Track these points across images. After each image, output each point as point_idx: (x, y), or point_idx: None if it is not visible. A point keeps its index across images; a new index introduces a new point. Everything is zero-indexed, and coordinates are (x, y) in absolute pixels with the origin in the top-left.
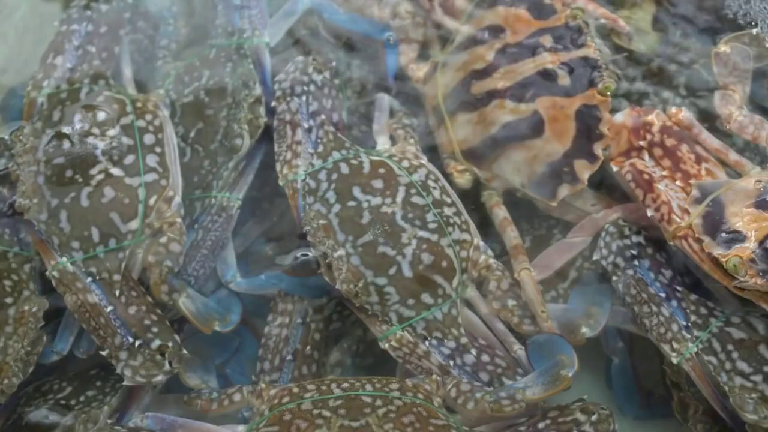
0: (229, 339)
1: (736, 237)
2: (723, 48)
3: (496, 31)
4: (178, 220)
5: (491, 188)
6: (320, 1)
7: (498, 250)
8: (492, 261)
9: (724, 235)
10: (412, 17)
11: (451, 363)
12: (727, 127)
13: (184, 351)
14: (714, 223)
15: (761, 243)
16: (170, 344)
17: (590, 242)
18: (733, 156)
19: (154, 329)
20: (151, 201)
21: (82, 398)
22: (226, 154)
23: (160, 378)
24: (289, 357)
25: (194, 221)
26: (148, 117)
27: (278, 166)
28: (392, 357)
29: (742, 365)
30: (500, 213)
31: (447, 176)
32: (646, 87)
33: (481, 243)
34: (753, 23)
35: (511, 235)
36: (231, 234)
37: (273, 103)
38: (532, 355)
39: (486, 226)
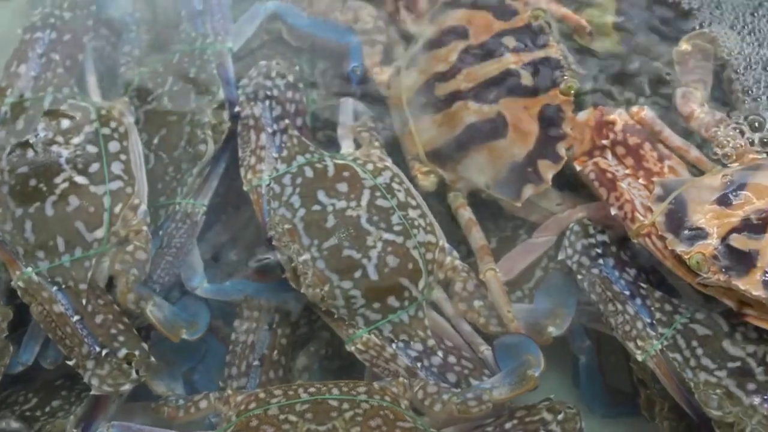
0: (195, 346)
1: (699, 234)
2: (684, 46)
3: (459, 32)
4: (144, 227)
5: (456, 190)
6: (283, 6)
7: (464, 251)
8: (458, 262)
9: (686, 232)
10: (375, 20)
11: (419, 365)
12: (689, 124)
13: (152, 359)
14: (677, 220)
15: (723, 239)
16: (137, 353)
17: (555, 242)
18: (694, 153)
19: (121, 338)
20: (117, 209)
21: (47, 409)
22: (190, 161)
23: (127, 387)
24: (256, 362)
25: (159, 228)
26: (113, 124)
27: (242, 172)
28: (360, 360)
29: (707, 361)
30: (465, 214)
31: (412, 178)
32: (608, 86)
33: (447, 245)
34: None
35: (477, 236)
36: (196, 240)
37: (237, 108)
38: (499, 356)
39: (452, 227)
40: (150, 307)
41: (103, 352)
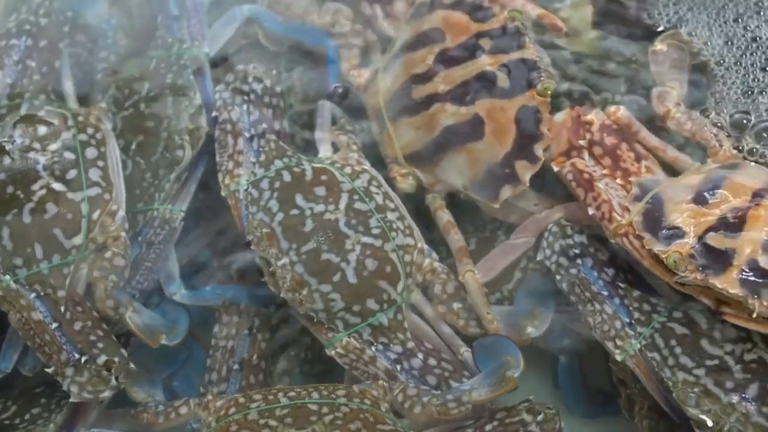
0: (175, 351)
1: (676, 233)
2: (660, 46)
3: (436, 35)
4: (123, 234)
5: (434, 192)
6: (260, 10)
7: (443, 253)
8: (437, 264)
9: (663, 231)
10: (352, 24)
11: (398, 368)
12: (665, 124)
13: (131, 365)
14: (654, 219)
15: (700, 238)
16: (117, 359)
17: (534, 243)
18: (671, 153)
19: (100, 345)
20: (95, 215)
21: (27, 416)
22: (168, 166)
23: (106, 394)
24: (236, 367)
25: (137, 234)
26: (90, 131)
27: (220, 176)
28: (340, 364)
29: (685, 360)
30: (444, 216)
31: (390, 181)
32: (585, 86)
33: (425, 247)
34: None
35: (455, 238)
36: (175, 246)
37: (214, 113)
38: (479, 357)
39: (430, 229)
40: (129, 314)
41: (82, 359)
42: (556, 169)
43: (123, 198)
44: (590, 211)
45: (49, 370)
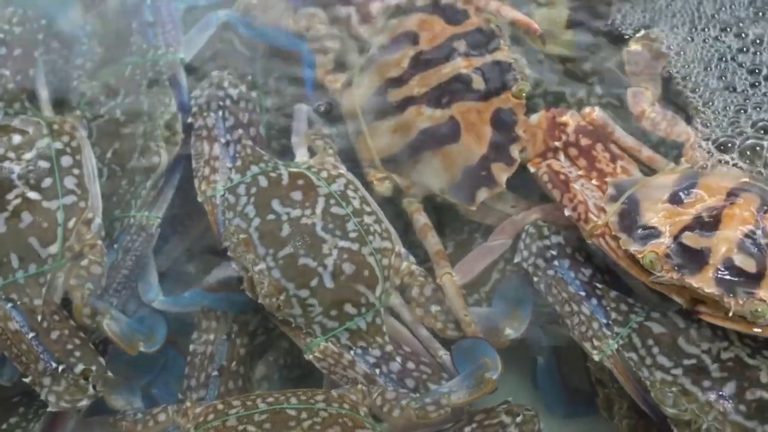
0: (154, 358)
1: (652, 233)
2: (634, 46)
3: (411, 38)
4: (99, 242)
5: (411, 195)
6: (235, 15)
7: (421, 256)
8: (414, 267)
9: (639, 231)
10: (328, 28)
11: (377, 371)
12: (640, 124)
13: (109, 374)
14: (630, 220)
15: (676, 238)
16: (94, 368)
17: (511, 244)
18: (646, 153)
19: (78, 353)
20: (71, 224)
21: (4, 426)
22: (144, 173)
23: (84, 402)
24: (215, 373)
25: (114, 241)
26: (65, 139)
27: (197, 183)
28: (318, 368)
29: (663, 359)
30: (421, 219)
31: (367, 185)
32: (561, 87)
33: (403, 250)
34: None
35: (432, 241)
36: (152, 252)
37: (189, 119)
38: (457, 360)
39: (408, 233)
40: (106, 321)
41: (60, 368)
42: (532, 170)
43: (99, 206)
44: (566, 212)
45: (27, 380)
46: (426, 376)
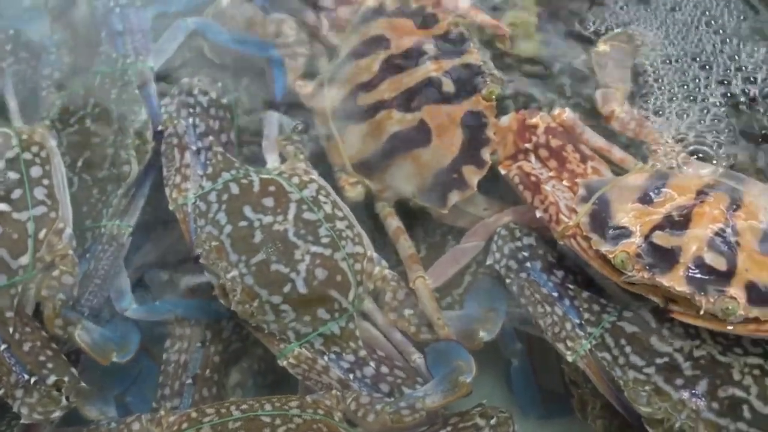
0: (127, 367)
1: (623, 233)
2: (602, 47)
3: (381, 42)
4: (70, 252)
5: (383, 199)
6: (204, 23)
7: (394, 260)
8: (387, 272)
9: (610, 231)
10: (297, 33)
11: (351, 376)
12: (610, 124)
13: (82, 384)
14: (601, 220)
15: (646, 237)
16: (66, 379)
17: (484, 247)
18: (616, 153)
19: (50, 365)
20: (41, 234)
21: None
22: (115, 182)
23: (57, 414)
24: (189, 381)
25: (86, 251)
26: (35, 149)
27: (168, 191)
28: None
29: (635, 359)
30: (393, 223)
31: (339, 190)
32: (531, 89)
33: (375, 254)
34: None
35: (405, 245)
36: (124, 261)
37: (160, 127)
38: (431, 363)
39: (381, 237)
40: (78, 332)
41: (32, 380)
42: (503, 172)
43: (70, 216)
44: (538, 214)
45: None
46: (400, 380)
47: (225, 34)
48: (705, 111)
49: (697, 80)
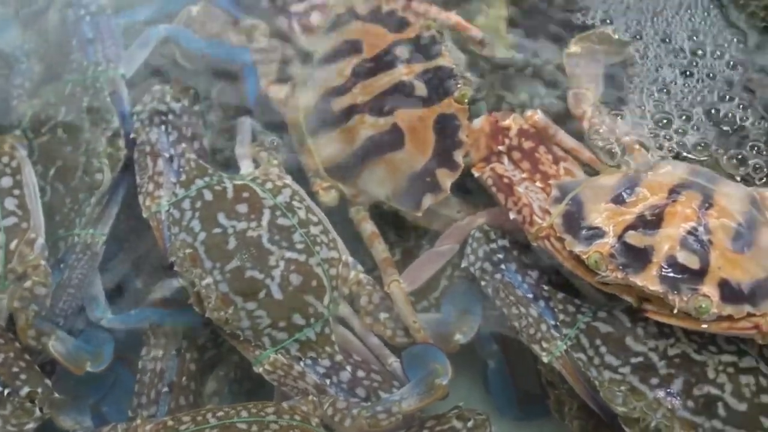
0: (103, 376)
1: (596, 233)
2: (573, 48)
3: (353, 46)
4: (42, 262)
5: (358, 203)
6: (176, 29)
7: (369, 264)
8: (362, 276)
9: (584, 232)
10: (269, 39)
11: (327, 381)
12: (582, 125)
13: (56, 395)
14: (574, 221)
15: (619, 237)
16: (40, 390)
17: (459, 249)
18: (588, 154)
19: (23, 376)
20: (12, 245)
21: None
22: (88, 190)
23: (31, 426)
24: (165, 389)
25: (60, 261)
26: (5, 159)
27: (141, 198)
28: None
29: (610, 359)
30: (368, 227)
31: (313, 195)
32: (503, 91)
33: (350, 259)
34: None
35: (379, 249)
36: (98, 270)
37: (132, 135)
38: (407, 367)
39: (356, 241)
40: (52, 342)
41: (5, 392)
42: (476, 175)
43: (42, 225)
44: (511, 216)
45: None
46: (377, 384)
47: (197, 40)
48: (678, 109)
49: (674, 79)
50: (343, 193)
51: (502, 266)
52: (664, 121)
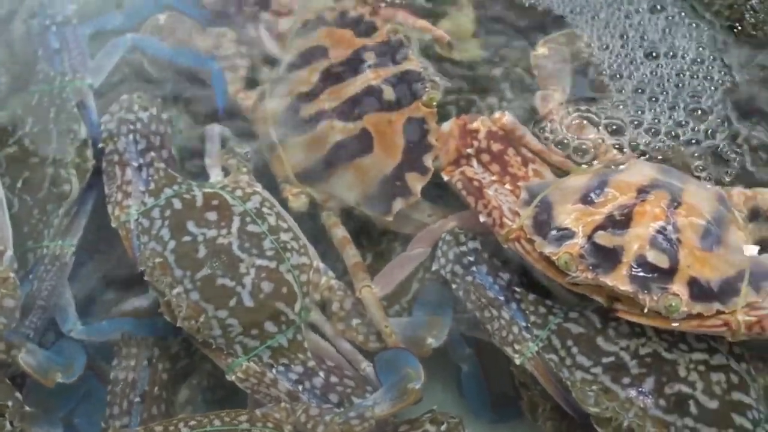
0: (74, 387)
1: (566, 234)
2: (541, 50)
3: (320, 52)
4: (11, 274)
5: (328, 209)
6: (142, 38)
7: (341, 269)
8: (333, 282)
9: (553, 233)
10: (237, 46)
11: (300, 388)
12: (549, 126)
13: (26, 408)
14: (543, 222)
15: (589, 238)
16: (10, 403)
17: (430, 253)
18: (557, 155)
19: None
20: None
21: None
22: (56, 201)
23: None
24: (137, 399)
25: (29, 273)
26: None
27: (110, 208)
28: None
29: (582, 359)
30: (339, 233)
31: (283, 201)
32: (471, 94)
33: (321, 265)
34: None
35: (350, 254)
36: (68, 281)
37: (100, 145)
38: (380, 372)
39: (327, 247)
40: (22, 355)
41: None
42: (446, 178)
43: (9, 237)
44: (481, 218)
45: None
46: (350, 389)
47: (164, 48)
48: (646, 109)
49: (641, 79)
50: (314, 198)
51: (473, 269)
52: (635, 122)
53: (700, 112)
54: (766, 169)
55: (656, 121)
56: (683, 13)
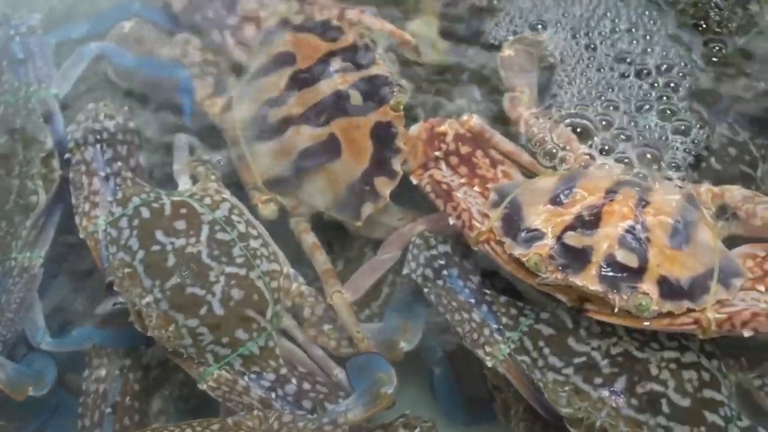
0: (44, 401)
1: (535, 235)
2: (507, 52)
3: (287, 58)
4: None
5: (298, 215)
6: (109, 46)
7: (312, 275)
8: (304, 288)
9: (523, 234)
10: (203, 53)
11: (273, 395)
12: (518, 128)
13: None
14: (513, 224)
15: (558, 238)
16: None
17: (400, 257)
18: (526, 157)
19: None
20: None
21: None
22: (23, 213)
23: None
24: (109, 410)
25: None
26: None
27: (77, 219)
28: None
29: (554, 360)
30: (308, 239)
31: (252, 208)
32: (439, 97)
33: (292, 271)
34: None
35: (320, 260)
36: (37, 293)
37: (67, 155)
38: (353, 377)
39: (297, 253)
40: None
41: None
42: (414, 181)
43: None
44: (451, 221)
45: None
46: (323, 395)
47: (129, 57)
48: (613, 109)
49: (608, 79)
50: (283, 205)
51: (444, 272)
52: (603, 123)
53: (668, 112)
54: (733, 167)
55: (624, 122)
56: (647, 12)
